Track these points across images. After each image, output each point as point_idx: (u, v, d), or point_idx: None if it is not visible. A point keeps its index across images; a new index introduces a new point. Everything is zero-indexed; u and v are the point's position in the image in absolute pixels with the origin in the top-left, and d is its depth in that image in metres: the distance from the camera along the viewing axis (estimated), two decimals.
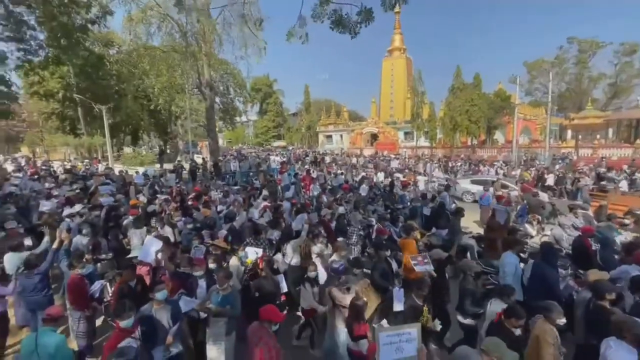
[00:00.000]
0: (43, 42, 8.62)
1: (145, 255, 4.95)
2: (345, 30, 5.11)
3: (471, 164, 22.98)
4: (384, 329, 3.02)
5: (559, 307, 3.34)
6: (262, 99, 59.16)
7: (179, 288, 4.10)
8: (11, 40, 8.19)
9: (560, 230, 6.91)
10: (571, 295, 4.56)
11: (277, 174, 14.53)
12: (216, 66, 23.54)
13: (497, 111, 31.72)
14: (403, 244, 5.74)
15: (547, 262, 4.57)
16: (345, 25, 5.06)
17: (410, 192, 11.49)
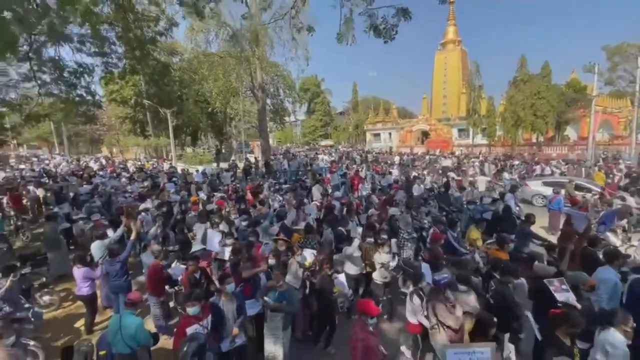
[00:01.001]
0: (121, 54, 9.65)
1: (211, 246, 5.63)
2: (381, 36, 4.83)
3: (525, 162, 20.84)
4: (452, 345, 2.85)
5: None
6: (310, 99, 60.05)
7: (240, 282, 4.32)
8: (97, 55, 9.30)
9: None
10: None
11: (326, 173, 14.61)
12: (268, 69, 24.43)
13: (569, 104, 28.33)
14: (495, 256, 5.28)
15: None
16: (380, 31, 4.79)
17: (468, 194, 10.77)
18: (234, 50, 19.84)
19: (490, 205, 8.32)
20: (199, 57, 21.28)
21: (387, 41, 4.85)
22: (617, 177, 14.10)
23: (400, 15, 4.60)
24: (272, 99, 32.62)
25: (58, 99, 10.47)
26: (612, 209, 8.43)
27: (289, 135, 67.95)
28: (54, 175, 16.40)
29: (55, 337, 5.10)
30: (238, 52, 19.35)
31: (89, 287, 5.06)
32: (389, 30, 4.74)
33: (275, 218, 7.52)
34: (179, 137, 40.17)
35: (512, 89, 29.79)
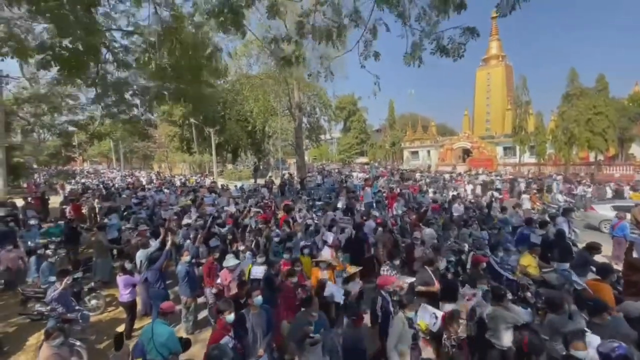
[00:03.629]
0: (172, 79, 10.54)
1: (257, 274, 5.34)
2: (449, 56, 4.91)
3: (565, 181, 19.03)
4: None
5: None
6: (346, 117, 60.61)
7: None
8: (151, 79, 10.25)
9: None
10: None
11: (360, 190, 14.44)
12: (305, 88, 25.26)
13: (632, 119, 25.66)
14: (595, 289, 4.54)
15: None
16: (448, 51, 4.88)
17: (514, 215, 9.99)
18: (272, 72, 20.84)
19: (539, 228, 7.60)
20: (241, 80, 22.62)
21: (457, 59, 4.96)
22: None
23: (468, 34, 4.69)
24: (308, 117, 33.52)
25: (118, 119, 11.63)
26: None
27: (324, 152, 68.68)
28: (109, 188, 18.02)
29: (99, 340, 5.42)
30: (276, 73, 20.26)
31: (129, 294, 5.36)
32: (456, 49, 4.84)
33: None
34: (221, 154, 42.40)
35: (564, 104, 27.71)
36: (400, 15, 4.90)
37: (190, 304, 5.56)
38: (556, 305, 3.87)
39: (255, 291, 3.82)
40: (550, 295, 4.38)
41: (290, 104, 21.79)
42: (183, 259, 5.57)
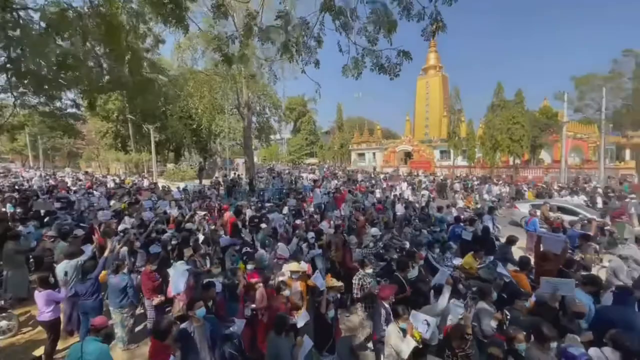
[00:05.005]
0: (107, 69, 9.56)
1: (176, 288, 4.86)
2: (386, 73, 5.32)
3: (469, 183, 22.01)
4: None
5: None
6: (296, 118, 60.89)
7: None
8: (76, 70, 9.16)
9: (620, 262, 6.18)
10: None
11: (309, 192, 14.61)
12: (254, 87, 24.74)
13: (542, 129, 29.85)
14: (515, 279, 5.29)
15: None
16: (386, 69, 5.28)
17: (447, 214, 10.98)
18: (219, 68, 20.04)
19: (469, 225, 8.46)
20: (185, 75, 21.34)
21: (392, 78, 5.38)
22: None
23: (402, 56, 5.14)
24: (258, 117, 32.85)
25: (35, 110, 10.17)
26: (578, 230, 8.76)
27: (274, 153, 68.05)
28: (24, 190, 15.66)
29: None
30: (224, 70, 19.52)
31: (52, 311, 4.73)
32: (393, 69, 5.26)
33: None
34: (162, 152, 39.52)
35: (489, 114, 31.19)
36: (344, 25, 5.11)
37: (126, 318, 5.10)
38: (485, 294, 4.36)
39: (198, 302, 3.64)
40: (480, 285, 4.92)
41: (238, 102, 21.15)
42: (120, 268, 5.10)
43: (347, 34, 5.22)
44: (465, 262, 6.17)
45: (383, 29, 4.91)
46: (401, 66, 5.26)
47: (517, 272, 5.61)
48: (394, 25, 4.83)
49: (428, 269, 6.02)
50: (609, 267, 6.50)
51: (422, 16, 4.71)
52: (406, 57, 5.15)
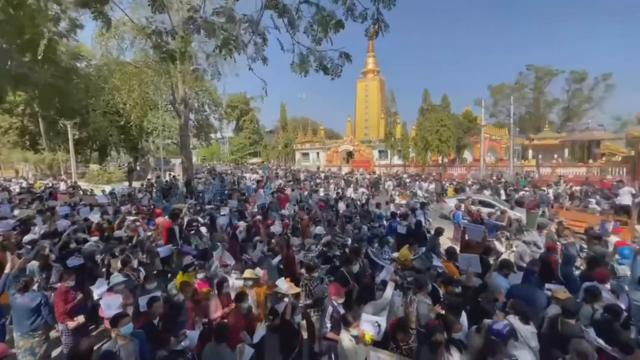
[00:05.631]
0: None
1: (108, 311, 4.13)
2: (328, 74, 5.51)
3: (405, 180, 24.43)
4: (378, 350, 3.05)
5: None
6: (239, 116, 59.10)
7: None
8: None
9: (524, 247, 7.24)
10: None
11: (253, 192, 14.32)
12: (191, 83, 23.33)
13: (465, 131, 33.48)
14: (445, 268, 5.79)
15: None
16: (328, 70, 5.46)
17: (386, 210, 11.69)
18: (151, 61, 18.48)
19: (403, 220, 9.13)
20: (110, 65, 19.25)
21: (334, 78, 5.56)
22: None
23: (343, 58, 5.35)
24: (196, 115, 31.09)
25: None
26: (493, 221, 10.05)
27: (215, 152, 65.10)
28: None
29: None
30: (157, 63, 18.05)
31: None
32: (335, 69, 5.44)
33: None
34: (83, 152, 35.08)
35: (420, 117, 34.01)
36: (291, 23, 5.14)
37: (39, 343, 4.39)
38: (421, 286, 4.69)
39: (124, 318, 3.32)
40: (416, 277, 5.33)
41: (174, 98, 19.72)
42: (28, 286, 4.39)
43: (292, 33, 5.27)
44: (401, 255, 6.65)
45: (329, 29, 5.04)
46: (342, 67, 5.48)
47: (445, 261, 6.23)
48: (341, 25, 4.99)
49: (368, 263, 6.36)
50: (516, 252, 7.59)
51: (365, 17, 4.93)
52: (347, 59, 5.38)
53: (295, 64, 5.55)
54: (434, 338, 3.35)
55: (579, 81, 40.63)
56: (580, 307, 4.06)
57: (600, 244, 7.53)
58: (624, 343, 3.52)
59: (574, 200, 15.09)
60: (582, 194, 15.95)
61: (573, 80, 40.90)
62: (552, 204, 14.05)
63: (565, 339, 3.60)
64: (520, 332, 3.57)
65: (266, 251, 6.60)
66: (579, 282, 5.38)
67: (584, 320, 4.01)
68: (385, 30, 4.98)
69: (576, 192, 16.54)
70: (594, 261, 5.83)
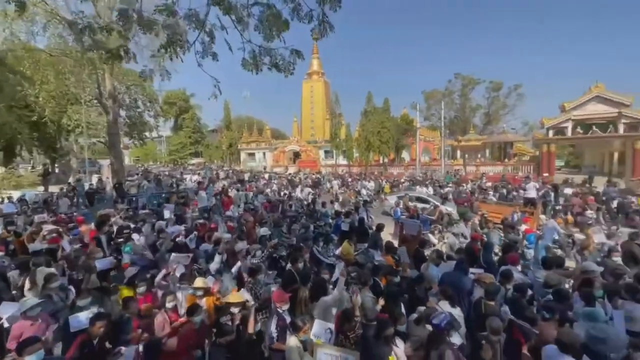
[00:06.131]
0: None
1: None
2: (281, 71, 5.46)
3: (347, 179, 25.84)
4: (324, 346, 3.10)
5: None
6: (177, 114, 55.30)
7: None
8: None
9: (454, 238, 8.03)
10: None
11: (194, 194, 13.56)
12: (121, 76, 21.27)
13: (403, 133, 35.85)
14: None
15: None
16: (280, 68, 5.43)
17: (332, 209, 12.00)
18: (71, 49, 16.39)
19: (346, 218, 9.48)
20: (17, 52, 16.61)
21: (287, 75, 5.52)
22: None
23: (295, 55, 5.31)
24: (127, 111, 28.45)
25: None
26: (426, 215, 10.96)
27: (151, 152, 60.09)
28: None
29: None
30: (78, 52, 16.04)
31: None
32: (287, 67, 5.39)
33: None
34: None
35: (363, 119, 35.57)
36: (240, 20, 5.00)
37: None
38: (365, 281, 4.87)
39: (32, 345, 2.88)
40: (358, 272, 5.56)
41: (99, 92, 17.74)
42: None
43: (242, 30, 5.13)
44: (344, 249, 6.91)
45: (275, 28, 5.01)
46: (295, 65, 5.48)
47: (385, 254, 6.61)
48: (286, 24, 4.98)
49: (313, 262, 6.46)
50: (447, 243, 8.37)
51: (311, 18, 4.98)
52: (299, 56, 5.38)
53: (247, 61, 5.43)
54: (385, 333, 3.49)
55: (496, 90, 46.24)
56: (499, 289, 4.63)
57: (513, 232, 8.69)
58: (529, 317, 4.12)
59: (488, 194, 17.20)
60: (494, 189, 18.27)
61: (492, 88, 46.40)
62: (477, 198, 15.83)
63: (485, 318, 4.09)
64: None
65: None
66: (497, 266, 6.13)
67: (500, 300, 4.60)
68: (331, 31, 5.11)
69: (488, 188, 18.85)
70: (507, 247, 6.71)
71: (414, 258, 6.73)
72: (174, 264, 5.36)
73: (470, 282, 5.08)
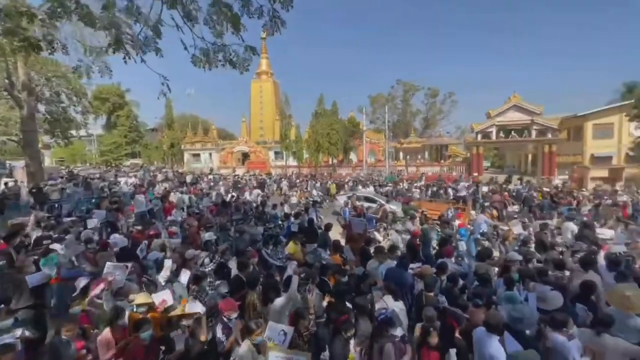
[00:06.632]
0: None
1: None
2: (236, 68, 5.34)
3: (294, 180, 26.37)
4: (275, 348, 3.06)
5: None
6: (111, 111, 50.13)
7: None
8: None
9: (397, 235, 8.53)
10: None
11: (130, 199, 12.44)
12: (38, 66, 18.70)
13: (350, 135, 37.05)
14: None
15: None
16: (235, 64, 5.30)
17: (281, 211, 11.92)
18: None
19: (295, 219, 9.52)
20: None
21: (242, 72, 5.41)
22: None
23: (250, 51, 5.19)
24: (48, 106, 25.05)
25: None
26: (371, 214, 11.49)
27: (79, 152, 53.55)
28: None
29: None
30: None
31: None
32: (242, 63, 5.28)
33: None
34: None
35: (313, 120, 36.01)
36: (187, 15, 4.74)
37: None
38: (312, 279, 4.93)
39: None
40: (306, 271, 5.61)
41: (10, 83, 15.36)
42: None
43: (191, 25, 4.86)
44: (290, 249, 6.94)
45: (230, 24, 4.83)
46: (250, 61, 5.38)
47: (333, 254, 6.77)
48: (237, 18, 4.81)
49: (261, 264, 6.36)
50: (390, 240, 8.85)
51: (261, 13, 4.89)
52: (253, 52, 5.27)
53: (198, 58, 5.21)
54: (347, 334, 3.58)
55: (433, 96, 50.21)
56: (437, 281, 5.03)
57: (448, 227, 9.51)
58: (461, 304, 4.56)
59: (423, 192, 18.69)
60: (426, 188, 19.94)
61: (430, 95, 50.24)
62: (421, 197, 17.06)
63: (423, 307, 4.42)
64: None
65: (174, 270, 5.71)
66: (435, 259, 6.65)
67: (436, 290, 5.01)
68: (283, 27, 5.06)
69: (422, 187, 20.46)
70: (443, 241, 7.32)
71: (360, 255, 7.00)
72: (109, 275, 4.85)
73: (411, 277, 5.44)
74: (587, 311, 4.18)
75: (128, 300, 4.47)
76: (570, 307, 4.37)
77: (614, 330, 3.50)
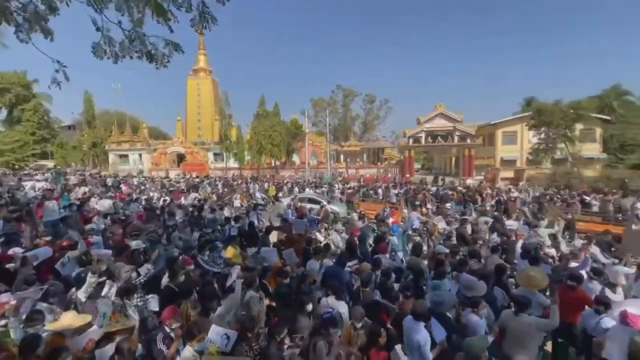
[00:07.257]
0: None
1: None
2: (153, 62, 4.90)
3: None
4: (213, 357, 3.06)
5: None
6: (13, 103, 42.73)
7: None
8: None
9: (336, 235, 8.83)
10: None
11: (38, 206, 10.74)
12: None
13: (293, 137, 37.21)
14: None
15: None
16: (153, 58, 4.86)
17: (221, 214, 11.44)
18: None
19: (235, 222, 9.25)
20: None
21: (159, 67, 4.95)
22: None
23: (171, 47, 4.78)
24: None
25: None
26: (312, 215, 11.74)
27: None
28: None
29: None
30: None
31: None
32: (161, 59, 4.84)
33: None
34: None
35: (255, 121, 35.32)
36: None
37: None
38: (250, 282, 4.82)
39: None
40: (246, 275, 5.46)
41: None
42: None
43: (98, 9, 4.36)
44: (229, 253, 6.74)
45: (149, 9, 4.43)
46: (170, 58, 4.96)
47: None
48: (159, 6, 4.42)
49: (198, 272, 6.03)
50: (330, 239, 9.09)
51: (190, 6, 4.59)
52: (176, 49, 4.90)
53: (99, 47, 4.62)
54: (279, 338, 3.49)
55: (370, 102, 53.03)
56: (371, 277, 5.32)
57: (384, 225, 10.13)
58: (393, 296, 4.90)
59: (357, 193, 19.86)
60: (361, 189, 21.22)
61: (367, 101, 52.96)
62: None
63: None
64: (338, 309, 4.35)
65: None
66: (371, 256, 7.02)
67: (372, 285, 5.31)
68: (213, 23, 4.84)
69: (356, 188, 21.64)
70: (378, 238, 7.77)
71: (302, 256, 7.08)
72: (19, 300, 4.09)
73: (349, 275, 5.68)
74: (504, 294, 4.94)
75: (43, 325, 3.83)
76: (491, 292, 5.01)
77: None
